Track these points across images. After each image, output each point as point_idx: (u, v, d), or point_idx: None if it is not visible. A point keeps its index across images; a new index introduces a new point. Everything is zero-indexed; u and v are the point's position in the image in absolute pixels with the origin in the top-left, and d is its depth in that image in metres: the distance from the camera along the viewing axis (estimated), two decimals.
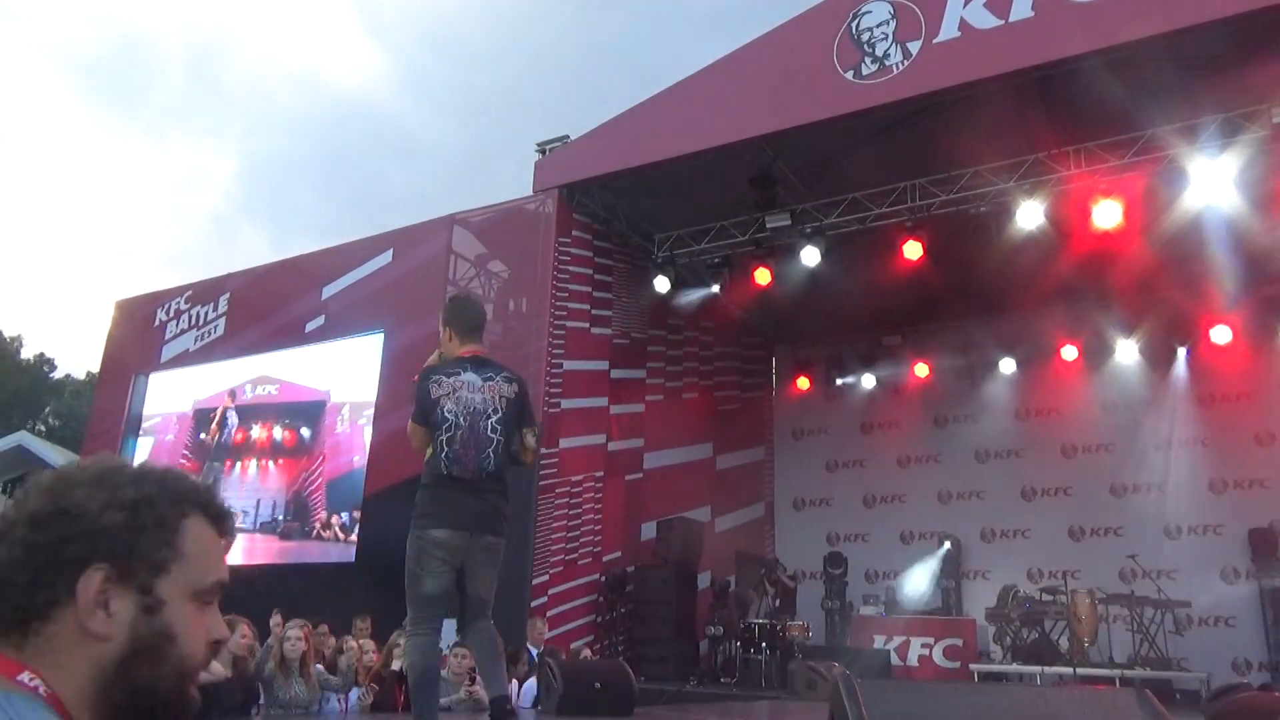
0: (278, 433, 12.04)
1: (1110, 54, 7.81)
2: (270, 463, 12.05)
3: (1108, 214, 8.99)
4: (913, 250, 9.95)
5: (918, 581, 12.88)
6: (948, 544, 12.80)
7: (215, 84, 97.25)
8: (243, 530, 11.60)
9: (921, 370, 13.77)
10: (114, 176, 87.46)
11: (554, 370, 9.96)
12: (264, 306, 12.59)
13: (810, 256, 10.24)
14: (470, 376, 4.15)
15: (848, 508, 14.13)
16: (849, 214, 10.17)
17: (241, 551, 11.63)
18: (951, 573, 12.64)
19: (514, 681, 7.11)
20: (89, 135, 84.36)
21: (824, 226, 10.19)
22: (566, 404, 10.10)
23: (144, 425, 13.30)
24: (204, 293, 13.42)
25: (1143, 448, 12.39)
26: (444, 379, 4.11)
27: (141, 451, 13.14)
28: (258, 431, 12.19)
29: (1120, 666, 9.64)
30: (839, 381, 14.43)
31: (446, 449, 3.99)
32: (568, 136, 10.70)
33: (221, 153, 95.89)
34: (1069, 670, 9.48)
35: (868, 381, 14.20)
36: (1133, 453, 12.41)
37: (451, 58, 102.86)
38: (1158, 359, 12.50)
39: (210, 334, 13.09)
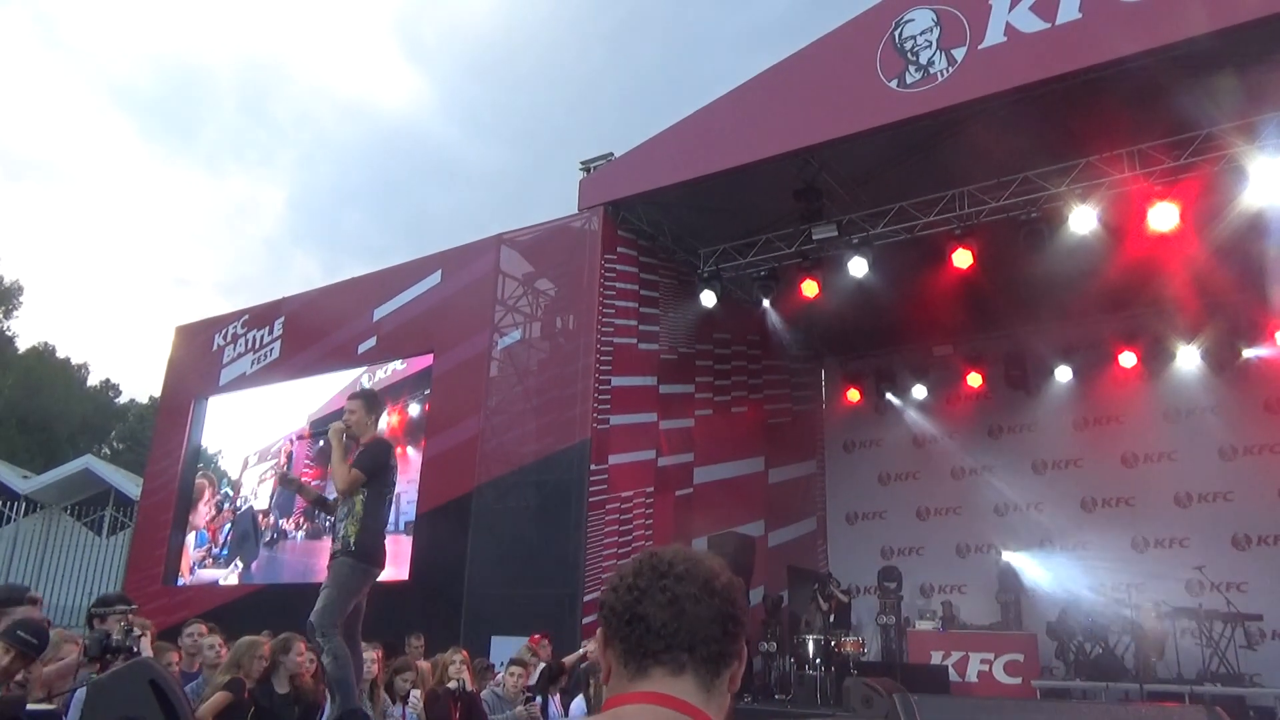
0: None
1: (1162, 53, 7.63)
2: None
3: (1164, 216, 8.76)
4: (962, 259, 9.79)
5: (975, 595, 12.63)
6: (1005, 557, 12.52)
7: (267, 116, 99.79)
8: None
9: (974, 380, 13.54)
10: (171, 207, 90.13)
11: (602, 386, 9.97)
12: (317, 329, 12.82)
13: (858, 267, 10.14)
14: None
15: (901, 521, 13.92)
16: (896, 223, 10.05)
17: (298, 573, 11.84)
18: (1011, 586, 12.35)
19: (558, 696, 7.09)
20: (147, 168, 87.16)
21: (871, 237, 10.09)
22: (615, 420, 10.09)
23: (266, 448, 13.55)
24: (260, 317, 13.71)
25: (1208, 455, 12.02)
26: (394, 455, 5.28)
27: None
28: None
29: (1189, 682, 9.32)
30: (890, 393, 14.26)
31: (388, 510, 5.16)
32: (612, 154, 10.75)
33: (274, 182, 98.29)
34: (1135, 687, 9.19)
35: (919, 392, 14.01)
36: (1197, 461, 12.04)
37: (494, 83, 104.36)
38: (1221, 364, 12.13)
39: (266, 357, 13.35)
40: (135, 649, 3.55)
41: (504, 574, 9.63)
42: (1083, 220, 9.12)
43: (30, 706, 2.52)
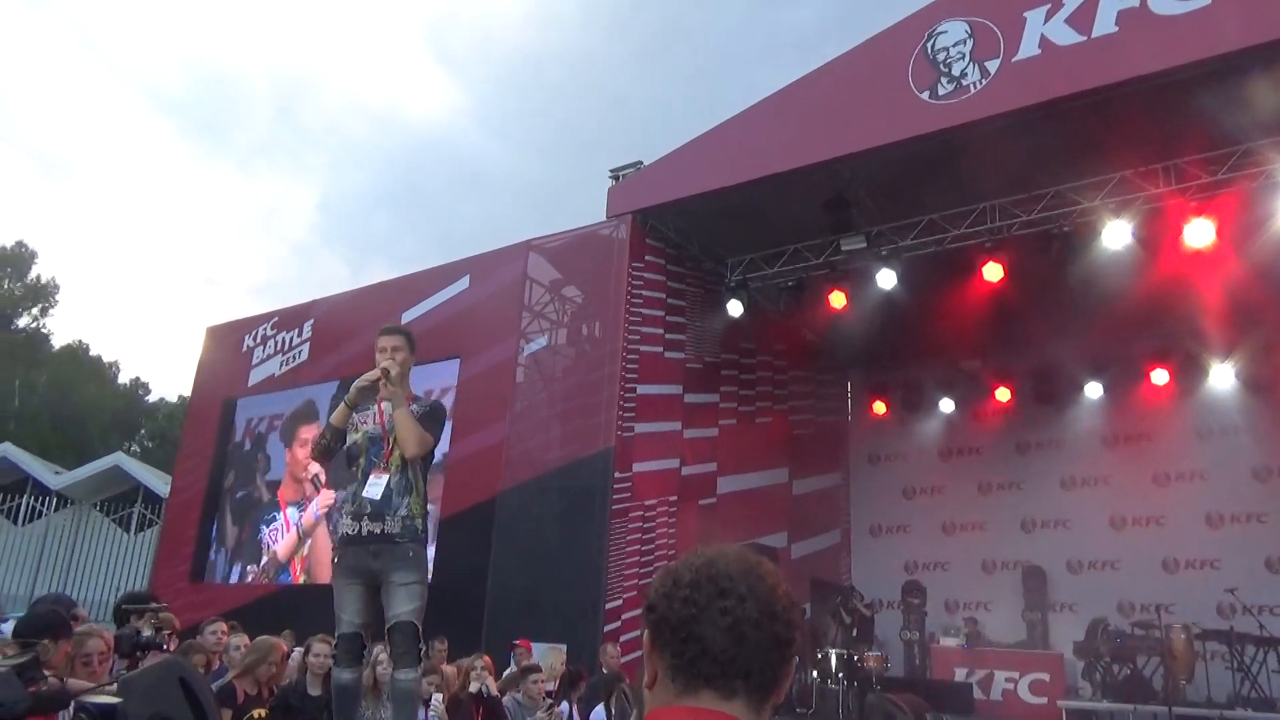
0: None
1: (1199, 68, 7.55)
2: None
3: (1200, 233, 8.66)
4: (993, 272, 9.72)
5: (1001, 613, 12.51)
6: (1032, 574, 12.38)
7: (299, 120, 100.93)
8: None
9: (1002, 394, 13.43)
10: (203, 209, 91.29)
11: (627, 394, 9.99)
12: (345, 332, 12.94)
13: (886, 279, 10.10)
14: None
15: (926, 535, 13.82)
16: (926, 236, 10.00)
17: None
18: (1037, 604, 12.22)
19: (575, 704, 7.09)
20: (180, 170, 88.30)
21: (900, 249, 10.04)
22: (640, 428, 10.10)
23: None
24: (289, 319, 13.86)
25: (1241, 476, 11.84)
26: None
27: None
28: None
29: (1220, 706, 9.17)
30: (916, 406, 14.17)
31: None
32: (641, 163, 10.78)
33: (304, 185, 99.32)
34: (1164, 709, 9.05)
35: (945, 406, 13.91)
36: (1230, 481, 11.86)
37: (523, 93, 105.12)
38: (1257, 383, 11.95)
39: (294, 359, 13.50)
40: (165, 646, 3.61)
41: (526, 580, 9.66)
42: (1116, 235, 9.03)
43: (92, 699, 2.57)
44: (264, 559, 12.89)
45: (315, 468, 12.62)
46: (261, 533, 13.01)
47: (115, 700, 2.75)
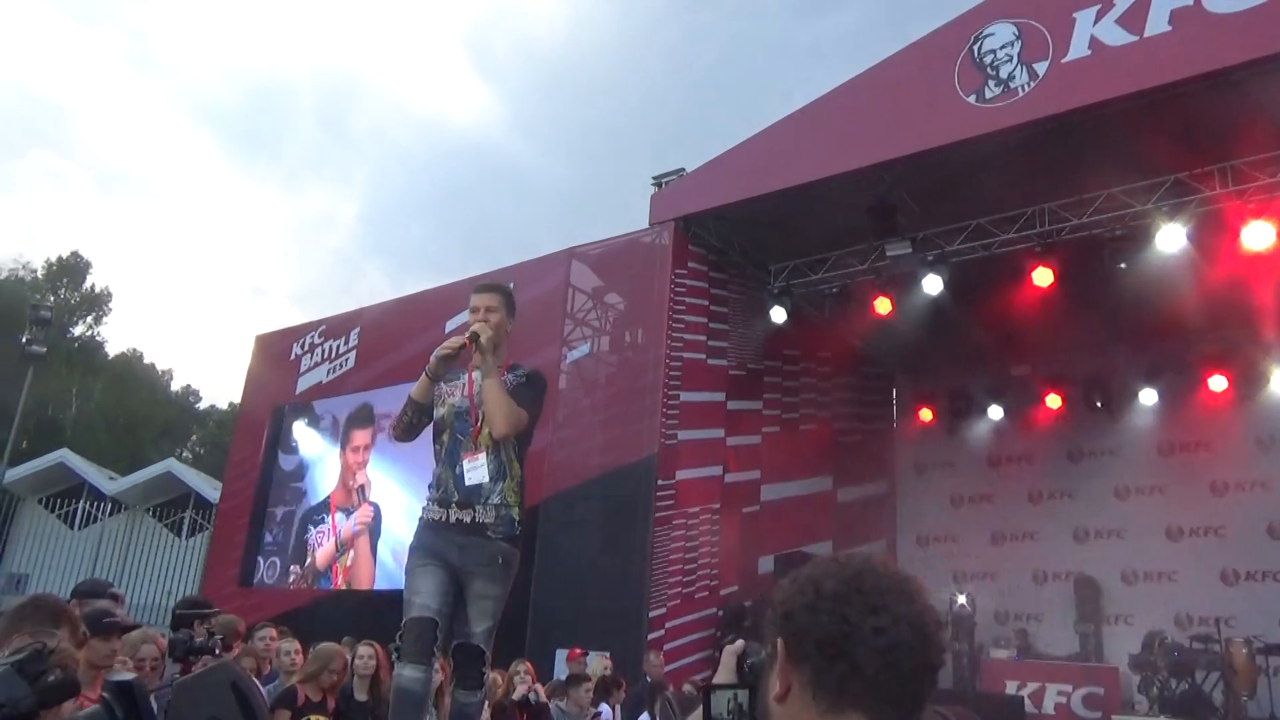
0: None
1: (1256, 66, 7.38)
2: None
3: (1259, 235, 8.45)
4: (1043, 277, 9.59)
5: (1052, 624, 12.29)
6: (1085, 585, 12.15)
7: (343, 131, 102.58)
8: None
9: (1053, 401, 13.21)
10: (250, 220, 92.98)
11: (670, 402, 10.00)
12: (391, 340, 13.12)
13: (932, 285, 10.00)
14: None
15: (975, 545, 13.62)
16: (973, 240, 9.90)
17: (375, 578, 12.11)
18: (1090, 616, 11.99)
19: (616, 707, 7.10)
20: (227, 182, 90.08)
21: (947, 254, 9.94)
22: (683, 435, 10.12)
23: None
24: (336, 328, 14.09)
25: None
26: None
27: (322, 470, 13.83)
28: None
29: None
30: (964, 413, 14.00)
31: None
32: (684, 169, 10.81)
33: (346, 196, 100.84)
34: None
35: (994, 413, 13.71)
36: None
37: (561, 97, 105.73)
38: None
39: (341, 367, 13.72)
40: (217, 651, 3.69)
41: (569, 588, 9.70)
42: (1170, 239, 8.85)
43: (114, 677, 2.60)
44: (307, 560, 13.11)
45: (363, 477, 12.78)
46: (309, 533, 13.23)
47: (131, 675, 2.80)
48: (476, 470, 3.61)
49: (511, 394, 3.65)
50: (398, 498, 12.04)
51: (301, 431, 13.97)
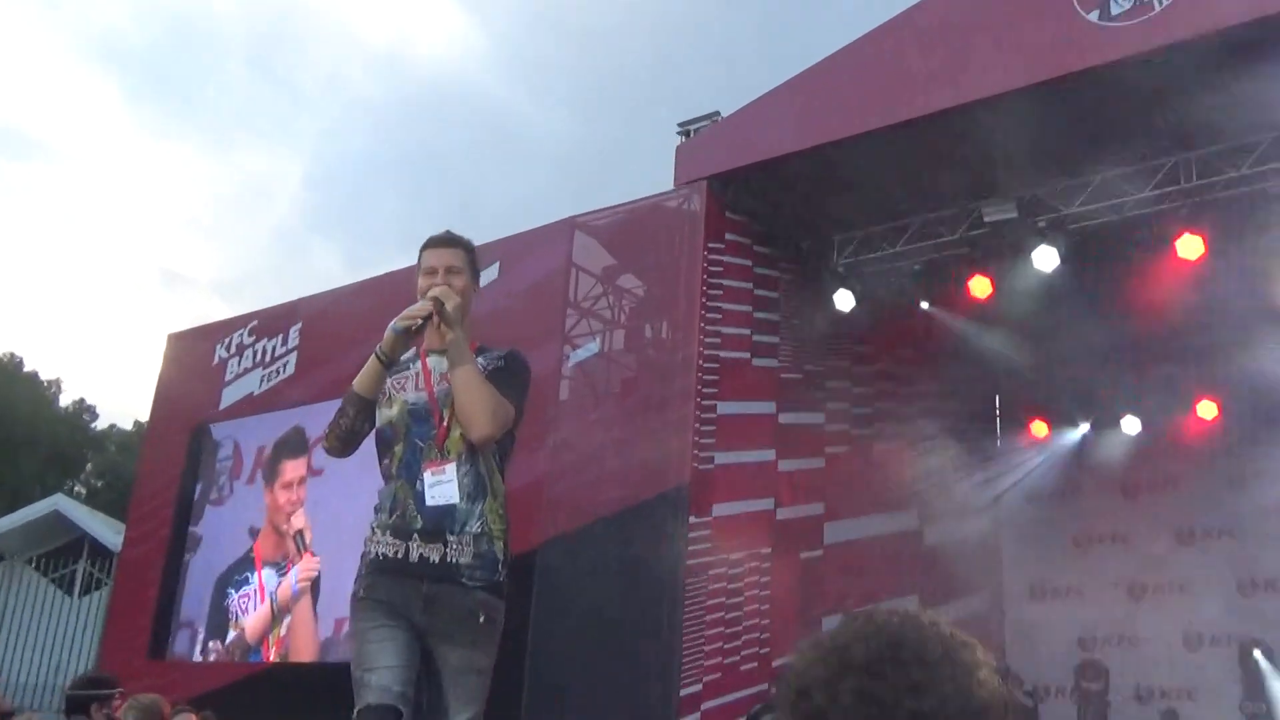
0: None
1: None
2: None
3: None
4: (1191, 247, 9.59)
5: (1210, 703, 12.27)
6: (1257, 652, 12.14)
7: (283, 73, 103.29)
8: None
9: (1207, 410, 13.19)
10: (162, 187, 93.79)
11: (705, 415, 10.06)
12: (342, 338, 13.19)
13: (1045, 259, 10.01)
14: None
15: (1106, 599, 13.62)
16: (1098, 201, 9.90)
17: None
18: (1259, 693, 11.97)
19: None
20: (133, 139, 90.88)
21: (1064, 218, 9.96)
22: (721, 458, 10.16)
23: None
24: (271, 323, 14.22)
25: None
26: None
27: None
28: None
29: None
30: (1089, 426, 13.97)
31: None
32: (718, 114, 10.85)
33: (288, 156, 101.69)
34: None
35: (1130, 426, 13.70)
36: None
37: (562, 35, 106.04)
38: None
39: (279, 374, 13.83)
40: None
41: (577, 655, 9.78)
42: None
43: None
44: (230, 634, 13.10)
45: (300, 521, 12.80)
46: (229, 599, 13.22)
47: None
48: (444, 485, 3.46)
49: (495, 380, 3.59)
50: (346, 543, 12.12)
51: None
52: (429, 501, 3.44)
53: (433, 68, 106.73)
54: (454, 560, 3.40)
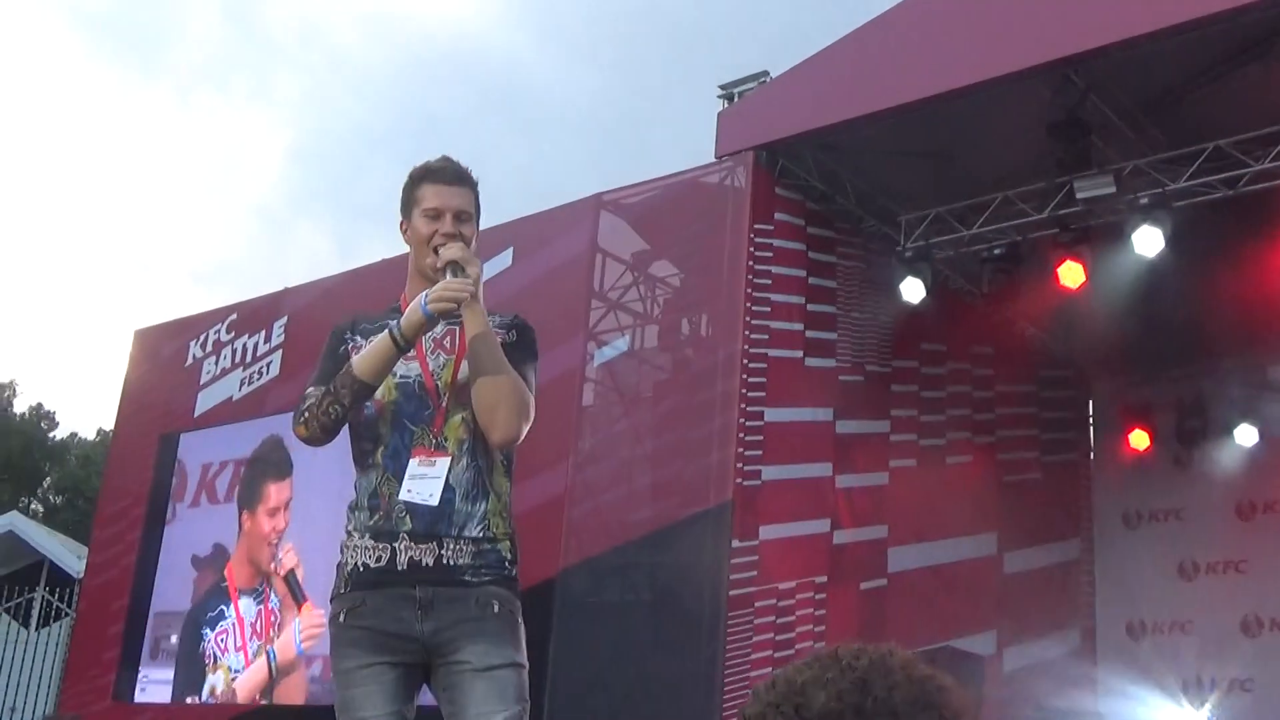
0: None
1: None
2: None
3: None
4: None
5: None
6: None
7: (263, 29, 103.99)
8: None
9: None
10: (128, 161, 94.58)
11: (752, 423, 10.02)
12: None
13: (1147, 241, 9.89)
14: None
15: (1218, 636, 13.50)
16: (1209, 174, 9.78)
17: None
18: None
19: None
20: (96, 104, 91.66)
21: (1169, 194, 9.85)
22: (770, 473, 10.12)
23: None
24: (252, 317, 14.27)
25: None
26: None
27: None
28: None
29: None
30: (1199, 436, 13.90)
31: None
32: (767, 74, 10.82)
33: (271, 124, 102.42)
34: None
35: (1245, 436, 13.56)
36: None
37: None
38: None
39: (261, 375, 13.86)
40: None
41: (604, 696, 9.78)
42: None
43: None
44: (207, 682, 13.04)
45: (290, 560, 12.67)
46: (205, 640, 13.19)
47: None
48: (426, 481, 3.30)
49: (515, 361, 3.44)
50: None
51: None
52: (404, 495, 3.29)
53: (430, 21, 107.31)
54: (451, 563, 3.27)
